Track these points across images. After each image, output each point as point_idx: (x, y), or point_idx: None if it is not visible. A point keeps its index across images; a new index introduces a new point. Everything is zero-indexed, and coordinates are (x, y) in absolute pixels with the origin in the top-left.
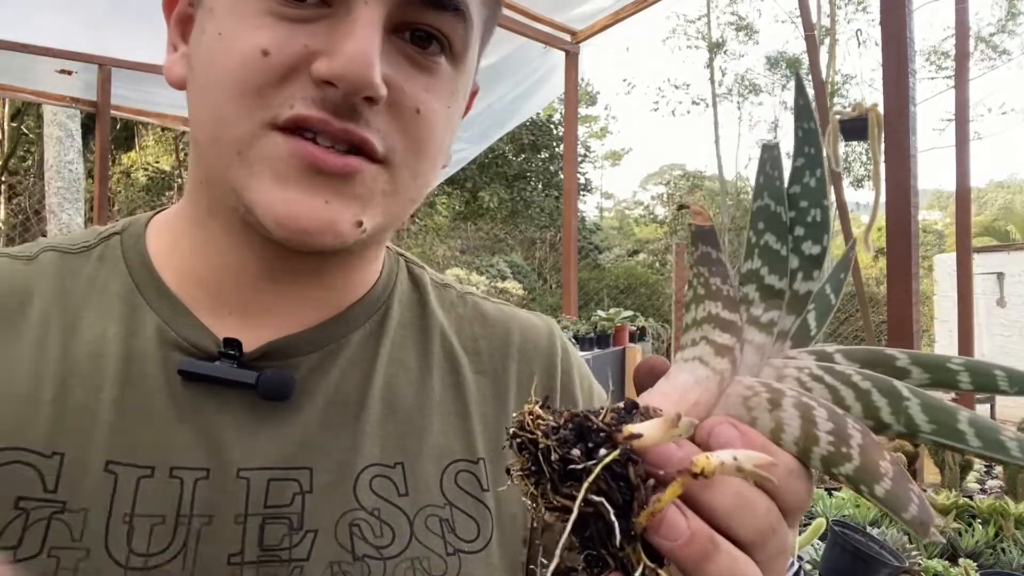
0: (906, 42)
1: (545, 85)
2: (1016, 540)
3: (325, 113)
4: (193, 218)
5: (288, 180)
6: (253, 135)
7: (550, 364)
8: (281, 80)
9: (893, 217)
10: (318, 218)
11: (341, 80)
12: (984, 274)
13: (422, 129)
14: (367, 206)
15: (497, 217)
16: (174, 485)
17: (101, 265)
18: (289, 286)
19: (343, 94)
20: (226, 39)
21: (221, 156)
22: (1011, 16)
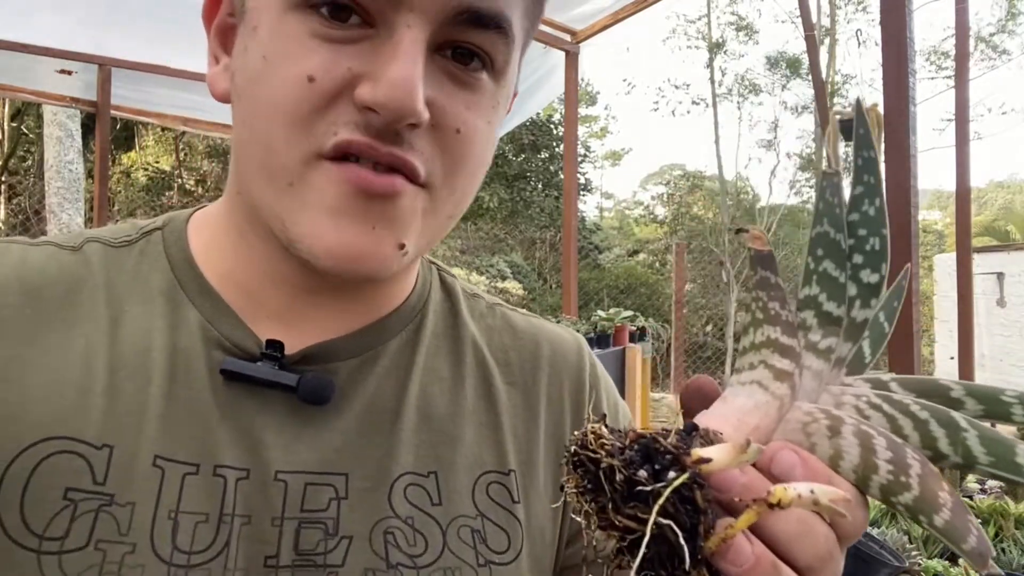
0: (906, 42)
1: (545, 85)
2: (1016, 540)
3: (369, 138)
4: (232, 223)
5: (341, 210)
6: (304, 164)
7: (579, 379)
8: (326, 106)
9: (893, 217)
10: (367, 246)
11: (384, 108)
12: (984, 274)
13: (462, 148)
14: (409, 227)
15: (497, 217)
16: (218, 484)
17: (143, 260)
18: (327, 298)
19: (385, 121)
20: (271, 63)
21: (271, 184)
22: (1011, 16)
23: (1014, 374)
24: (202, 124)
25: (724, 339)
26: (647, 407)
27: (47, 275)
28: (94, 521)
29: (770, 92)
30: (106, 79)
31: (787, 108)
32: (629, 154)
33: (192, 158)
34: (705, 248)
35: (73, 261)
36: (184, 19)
